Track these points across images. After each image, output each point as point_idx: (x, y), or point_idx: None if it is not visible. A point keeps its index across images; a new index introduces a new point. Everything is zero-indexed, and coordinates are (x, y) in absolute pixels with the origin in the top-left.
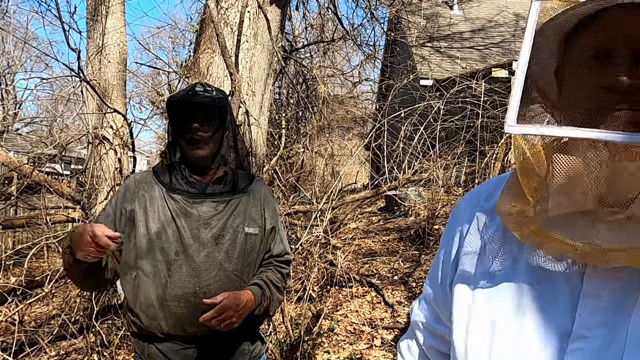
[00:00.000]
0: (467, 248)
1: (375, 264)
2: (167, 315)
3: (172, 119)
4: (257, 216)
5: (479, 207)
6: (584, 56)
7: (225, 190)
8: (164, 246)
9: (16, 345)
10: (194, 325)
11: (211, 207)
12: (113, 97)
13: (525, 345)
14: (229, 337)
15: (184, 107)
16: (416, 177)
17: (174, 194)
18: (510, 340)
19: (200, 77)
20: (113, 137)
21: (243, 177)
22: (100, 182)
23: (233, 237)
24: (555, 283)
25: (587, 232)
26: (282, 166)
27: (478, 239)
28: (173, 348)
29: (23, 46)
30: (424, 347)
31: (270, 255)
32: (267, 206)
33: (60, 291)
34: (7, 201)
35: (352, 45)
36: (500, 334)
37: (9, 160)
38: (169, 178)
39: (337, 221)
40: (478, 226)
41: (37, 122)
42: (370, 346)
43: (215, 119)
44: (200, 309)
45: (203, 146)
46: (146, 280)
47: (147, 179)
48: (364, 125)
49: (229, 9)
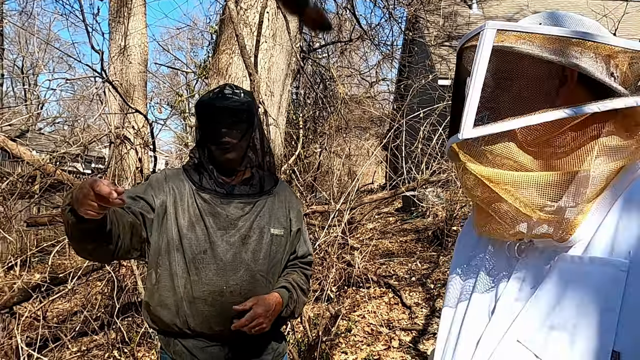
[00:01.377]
0: (459, 250)
1: (393, 265)
2: (194, 313)
3: (200, 122)
4: (282, 218)
5: (468, 222)
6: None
7: (252, 191)
8: (192, 244)
9: (40, 341)
10: (220, 323)
11: (238, 208)
12: (134, 98)
13: (469, 316)
14: (255, 336)
15: (213, 111)
16: (434, 178)
17: (203, 192)
18: (463, 313)
19: (220, 77)
20: (134, 137)
21: (269, 178)
22: (122, 181)
23: (259, 237)
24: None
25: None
26: (300, 166)
27: (462, 244)
28: (198, 345)
29: (46, 47)
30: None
31: (295, 257)
32: (292, 208)
33: (82, 288)
34: (31, 199)
35: (369, 45)
36: (460, 310)
37: (33, 159)
38: (199, 177)
39: (355, 222)
40: (464, 232)
41: (60, 122)
42: (387, 347)
43: (244, 123)
44: (227, 307)
45: (231, 150)
46: (174, 277)
47: (178, 175)
48: (381, 125)
49: (248, 9)
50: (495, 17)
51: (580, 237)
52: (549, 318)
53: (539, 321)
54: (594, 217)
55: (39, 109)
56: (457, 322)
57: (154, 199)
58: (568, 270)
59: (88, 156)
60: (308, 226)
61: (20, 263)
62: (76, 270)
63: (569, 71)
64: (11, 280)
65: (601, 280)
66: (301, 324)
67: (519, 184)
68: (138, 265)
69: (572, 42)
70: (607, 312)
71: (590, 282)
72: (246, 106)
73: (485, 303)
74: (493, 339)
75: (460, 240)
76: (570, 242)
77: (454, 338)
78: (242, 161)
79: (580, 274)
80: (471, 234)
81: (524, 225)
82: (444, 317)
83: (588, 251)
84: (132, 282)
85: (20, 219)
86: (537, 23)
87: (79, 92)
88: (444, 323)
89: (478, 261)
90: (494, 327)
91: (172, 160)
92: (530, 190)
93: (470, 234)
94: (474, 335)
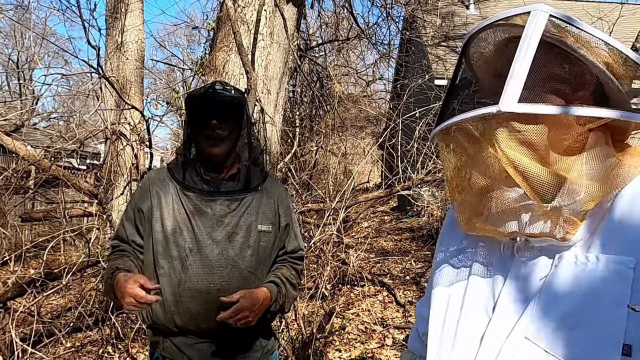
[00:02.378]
0: (441, 246)
1: (388, 264)
2: (181, 311)
3: (190, 115)
4: (270, 213)
5: (451, 213)
6: None
7: (239, 188)
8: (179, 243)
9: (34, 336)
10: (208, 320)
11: (224, 205)
12: (131, 94)
13: (465, 315)
14: (243, 332)
15: (203, 104)
16: (430, 178)
17: (188, 191)
18: (457, 312)
19: (217, 74)
20: (130, 133)
21: (257, 174)
22: (117, 177)
23: (246, 234)
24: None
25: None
26: (296, 164)
27: (448, 238)
28: (187, 342)
29: (42, 42)
30: (419, 334)
31: (284, 252)
32: (281, 203)
33: (76, 284)
34: (25, 195)
35: (366, 44)
36: (453, 309)
37: (28, 154)
38: (183, 175)
39: (350, 220)
40: (451, 227)
41: (55, 118)
42: (381, 345)
43: (233, 118)
44: (214, 305)
45: (219, 144)
46: (162, 276)
47: (161, 176)
48: (378, 124)
49: (246, 7)
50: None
51: (580, 236)
52: (557, 315)
53: (547, 318)
54: (594, 215)
55: (34, 104)
56: (451, 319)
57: (142, 210)
58: (573, 268)
59: (83, 152)
60: (303, 224)
61: (15, 258)
62: (71, 266)
63: (592, 78)
64: (5, 275)
65: (609, 277)
66: (295, 321)
67: (537, 176)
68: None
69: (623, 57)
70: (617, 307)
71: (598, 279)
72: (235, 101)
73: (481, 301)
74: (498, 337)
75: (444, 234)
76: (572, 241)
77: (451, 336)
78: (228, 156)
79: (587, 272)
80: (457, 228)
81: (514, 224)
82: (435, 310)
83: (591, 250)
84: None
85: (15, 214)
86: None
87: (75, 87)
88: (434, 320)
89: (469, 256)
90: (497, 324)
91: (167, 156)
92: (543, 184)
93: (457, 229)
94: (474, 333)
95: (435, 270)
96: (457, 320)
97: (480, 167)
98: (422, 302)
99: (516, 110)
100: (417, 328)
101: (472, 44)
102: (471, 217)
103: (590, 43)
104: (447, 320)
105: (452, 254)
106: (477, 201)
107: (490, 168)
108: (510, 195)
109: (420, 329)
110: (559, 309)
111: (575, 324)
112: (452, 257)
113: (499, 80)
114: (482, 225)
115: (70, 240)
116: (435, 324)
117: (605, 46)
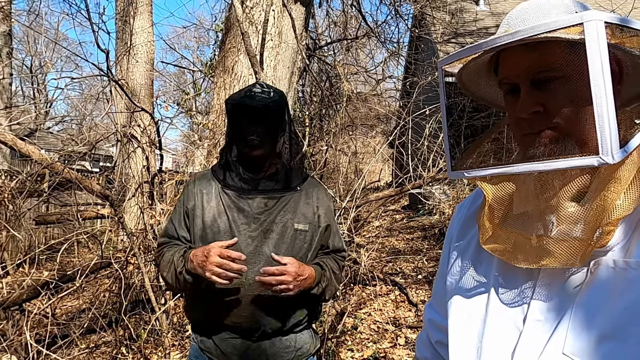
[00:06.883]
0: (455, 252)
1: (399, 263)
2: (215, 305)
3: (229, 120)
4: (309, 213)
5: (462, 216)
6: (504, 92)
7: (277, 187)
8: (215, 237)
9: (49, 338)
10: (239, 316)
11: (262, 203)
12: (141, 96)
13: (490, 327)
14: (277, 330)
15: (239, 109)
16: (441, 175)
17: (227, 189)
18: (479, 324)
19: (226, 75)
20: (141, 135)
21: (297, 175)
22: (129, 179)
23: (281, 232)
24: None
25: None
26: (306, 164)
27: (464, 242)
28: (222, 337)
29: (54, 47)
30: (432, 341)
31: (329, 250)
32: (321, 204)
33: (90, 285)
34: (39, 198)
35: (375, 42)
36: (474, 321)
37: (41, 158)
38: (224, 175)
39: (361, 219)
40: (463, 232)
41: (67, 121)
42: (394, 345)
43: (271, 121)
44: (245, 300)
45: (258, 147)
46: None
47: (206, 176)
48: (388, 122)
49: (254, 7)
50: (503, 14)
51: (617, 240)
52: (596, 327)
53: (585, 331)
54: (629, 217)
55: (47, 108)
56: (472, 333)
57: (187, 208)
58: (611, 276)
59: (96, 154)
60: None
61: (29, 261)
62: (84, 268)
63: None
64: (20, 277)
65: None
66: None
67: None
68: (145, 263)
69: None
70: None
71: (639, 287)
72: (273, 104)
73: (508, 313)
74: (531, 352)
75: (454, 232)
76: (608, 246)
77: (474, 350)
78: (268, 157)
79: (627, 279)
80: (472, 227)
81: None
82: (454, 322)
83: (630, 254)
84: (140, 280)
85: (30, 217)
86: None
87: (86, 91)
88: (455, 333)
89: (488, 259)
90: (529, 338)
91: (178, 158)
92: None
93: (472, 227)
94: (503, 348)
95: (448, 274)
96: (480, 333)
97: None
98: (431, 305)
99: (622, 157)
100: (426, 335)
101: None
102: (505, 244)
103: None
104: (468, 333)
105: (469, 257)
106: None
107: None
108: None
109: (433, 336)
110: (601, 320)
111: (614, 337)
112: (468, 259)
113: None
114: (513, 255)
115: (83, 242)
116: (456, 338)
117: None
